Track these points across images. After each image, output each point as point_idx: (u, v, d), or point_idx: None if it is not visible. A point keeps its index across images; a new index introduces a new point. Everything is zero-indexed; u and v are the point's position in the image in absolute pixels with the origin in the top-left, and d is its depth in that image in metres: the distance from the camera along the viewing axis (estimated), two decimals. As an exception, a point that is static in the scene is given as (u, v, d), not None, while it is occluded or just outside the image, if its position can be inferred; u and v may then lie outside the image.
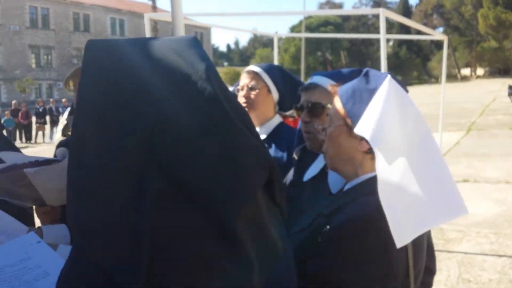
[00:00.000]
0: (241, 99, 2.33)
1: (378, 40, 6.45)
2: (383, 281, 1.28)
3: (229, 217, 0.75)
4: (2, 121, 19.61)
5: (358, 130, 1.30)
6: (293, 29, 60.33)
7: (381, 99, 1.31)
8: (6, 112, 20.86)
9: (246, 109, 2.32)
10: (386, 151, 1.24)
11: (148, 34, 6.30)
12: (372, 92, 1.35)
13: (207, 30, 67.95)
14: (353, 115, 1.37)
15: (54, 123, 20.80)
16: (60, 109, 21.24)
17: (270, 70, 2.40)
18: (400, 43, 65.66)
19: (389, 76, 1.37)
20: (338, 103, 1.44)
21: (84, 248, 0.73)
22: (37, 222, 1.98)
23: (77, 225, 0.74)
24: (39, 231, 1.73)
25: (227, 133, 0.78)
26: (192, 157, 0.74)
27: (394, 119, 1.28)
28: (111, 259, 0.70)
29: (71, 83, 2.11)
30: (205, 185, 0.73)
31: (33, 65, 46.96)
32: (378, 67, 3.17)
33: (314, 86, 1.84)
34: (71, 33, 50.41)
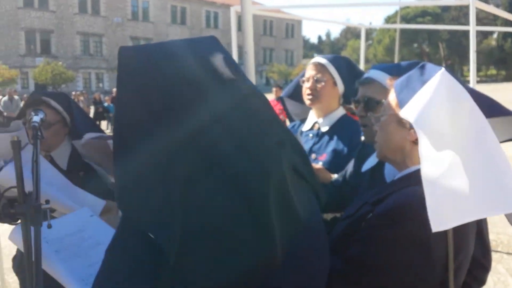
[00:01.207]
0: (306, 91, 2.36)
1: (481, 32, 6.07)
2: (419, 270, 1.29)
3: (256, 190, 0.84)
4: (105, 106, 21.29)
5: (404, 113, 1.31)
6: (388, 19, 58.13)
7: (431, 88, 1.30)
8: (107, 98, 22.49)
9: (311, 101, 2.36)
10: (430, 135, 1.23)
11: (234, 26, 6.50)
12: (423, 82, 1.35)
13: (298, 22, 67.78)
14: (403, 104, 1.37)
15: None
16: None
17: (337, 62, 2.40)
18: (505, 35, 60.67)
19: (443, 69, 1.36)
20: (392, 94, 1.45)
21: (130, 217, 0.87)
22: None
23: (122, 198, 0.88)
24: (114, 205, 1.95)
25: (253, 114, 0.88)
26: (223, 134, 0.84)
27: (442, 108, 1.27)
28: (151, 225, 0.82)
29: None
30: (234, 159, 0.83)
31: (134, 56, 49.97)
32: (478, 59, 3.03)
33: (370, 81, 1.84)
34: (168, 26, 52.84)
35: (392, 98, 1.45)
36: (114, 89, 24.72)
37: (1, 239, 3.66)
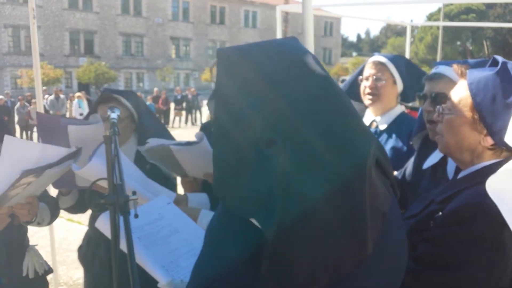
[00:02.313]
0: (366, 90, 2.38)
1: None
2: (491, 268, 1.29)
3: (352, 183, 0.88)
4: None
5: (509, 140, 1.26)
6: (431, 17, 56.74)
7: None
8: (148, 98, 23.00)
9: (371, 100, 2.37)
10: None
11: (279, 25, 6.54)
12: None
13: (337, 20, 67.11)
14: (484, 111, 1.33)
15: (190, 109, 22.56)
16: (190, 98, 22.84)
17: (396, 61, 2.41)
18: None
19: None
20: (464, 90, 1.40)
21: (229, 205, 0.94)
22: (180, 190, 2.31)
23: (222, 185, 0.95)
24: (184, 197, 2.03)
25: (337, 109, 0.93)
26: (320, 128, 0.89)
27: None
28: (252, 210, 0.89)
29: (214, 70, 2.38)
30: (331, 153, 0.88)
31: (173, 56, 50.74)
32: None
33: (438, 76, 1.84)
34: (208, 26, 53.41)
35: (463, 96, 1.40)
36: (156, 89, 25.30)
37: (54, 233, 3.85)
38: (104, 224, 1.41)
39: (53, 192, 2.41)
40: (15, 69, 37.48)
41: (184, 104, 22.84)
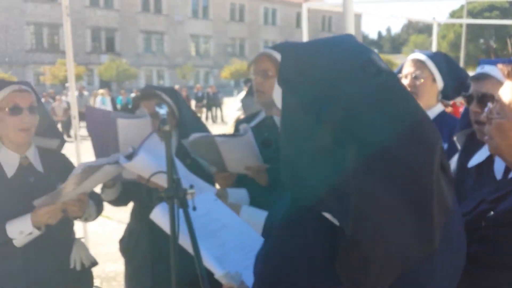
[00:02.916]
0: None
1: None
2: None
3: (422, 179, 0.90)
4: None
5: None
6: (453, 14, 56.01)
7: None
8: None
9: None
10: None
11: (305, 23, 6.54)
12: None
13: (357, 17, 66.67)
14: None
15: (210, 107, 22.68)
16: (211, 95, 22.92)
17: (436, 58, 2.38)
18: None
19: None
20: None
21: (300, 197, 0.96)
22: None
23: (294, 181, 0.97)
24: (224, 192, 2.06)
25: (405, 106, 0.95)
26: (388, 123, 0.90)
27: None
28: (324, 204, 0.91)
29: (251, 68, 2.39)
30: (399, 147, 0.89)
31: (193, 53, 51.06)
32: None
33: (485, 77, 1.82)
34: (227, 23, 53.56)
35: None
36: (177, 86, 25.48)
37: (88, 227, 3.93)
38: (160, 216, 1.44)
39: (97, 188, 2.47)
40: (38, 66, 38.16)
41: (204, 101, 22.96)
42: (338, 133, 0.90)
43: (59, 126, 15.34)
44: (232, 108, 9.22)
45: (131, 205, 2.57)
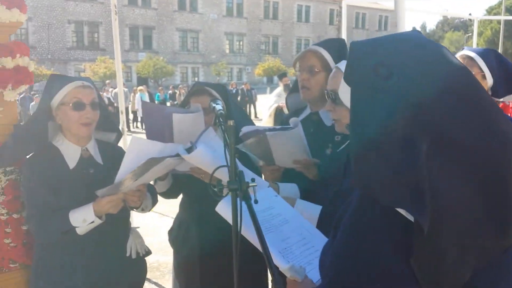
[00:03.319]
0: None
1: None
2: None
3: (499, 176, 0.91)
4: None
5: None
6: (490, 11, 54.18)
7: None
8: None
9: None
10: None
11: (344, 20, 6.52)
12: None
13: (392, 13, 65.11)
14: None
15: (244, 103, 22.80)
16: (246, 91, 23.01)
17: (486, 55, 2.36)
18: None
19: None
20: None
21: (372, 192, 0.97)
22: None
23: (367, 177, 0.97)
24: (276, 187, 2.11)
25: (481, 101, 0.95)
26: (455, 125, 0.91)
27: None
28: (399, 200, 0.92)
29: (297, 64, 2.43)
30: (471, 146, 0.90)
31: (227, 51, 51.33)
32: None
33: None
34: (261, 21, 53.58)
35: None
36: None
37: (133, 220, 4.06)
38: (225, 209, 1.50)
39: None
40: (78, 63, 39.24)
41: (238, 98, 23.10)
42: (413, 128, 0.90)
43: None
44: (265, 105, 9.24)
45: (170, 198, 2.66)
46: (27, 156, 2.16)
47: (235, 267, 1.44)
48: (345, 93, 1.11)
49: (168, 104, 20.19)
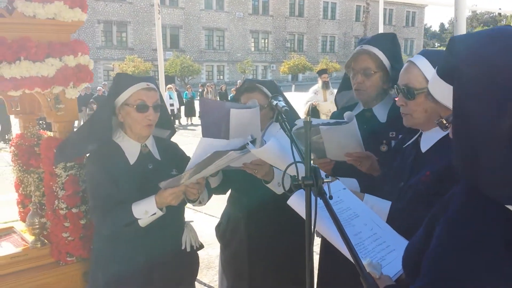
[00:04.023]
0: None
1: None
2: None
3: None
4: (229, 98, 22.40)
5: None
6: (524, 5, 52.81)
7: None
8: (232, 90, 23.50)
9: None
10: None
11: (381, 14, 6.46)
12: None
13: (420, 9, 64.40)
14: None
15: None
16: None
17: None
18: None
19: None
20: None
21: (484, 188, 0.96)
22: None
23: (477, 172, 0.96)
24: (335, 180, 2.11)
25: None
26: None
27: None
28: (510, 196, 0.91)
29: (350, 65, 2.45)
30: None
31: (252, 49, 51.37)
32: None
33: None
34: (287, 18, 53.42)
35: None
36: (239, 81, 25.85)
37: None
38: (298, 203, 1.51)
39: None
40: (107, 62, 39.88)
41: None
42: None
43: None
44: (300, 101, 9.20)
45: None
46: (90, 152, 2.22)
47: (308, 263, 1.44)
48: (439, 88, 1.09)
49: (196, 101, 20.33)
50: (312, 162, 2.35)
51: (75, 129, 2.43)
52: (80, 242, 2.42)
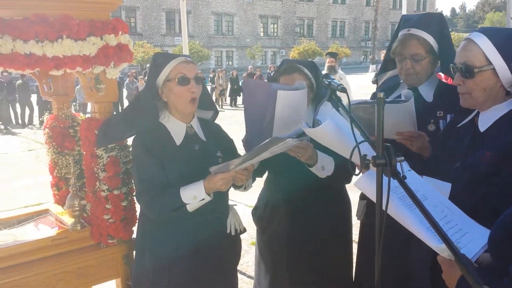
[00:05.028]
0: None
1: None
2: None
3: None
4: (240, 84, 22.29)
5: None
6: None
7: None
8: (243, 75, 23.36)
9: None
10: None
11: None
12: None
13: (431, -6, 63.67)
14: None
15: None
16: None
17: None
18: None
19: None
20: None
21: None
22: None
23: None
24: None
25: None
26: None
27: None
28: None
29: (397, 49, 2.40)
30: None
31: (261, 34, 51.00)
32: None
33: None
34: (296, 3, 52.90)
35: None
36: (250, 66, 25.73)
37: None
38: (367, 184, 1.45)
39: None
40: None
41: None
42: None
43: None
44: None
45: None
46: (136, 134, 2.18)
47: (377, 248, 1.38)
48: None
49: (208, 87, 20.24)
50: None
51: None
52: (121, 224, 2.40)
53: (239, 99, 22.49)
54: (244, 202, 5.47)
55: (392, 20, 59.98)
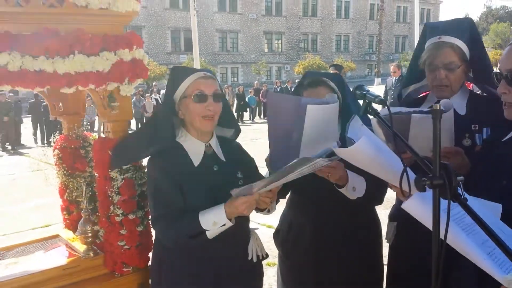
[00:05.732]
0: None
1: None
2: None
3: None
4: (246, 99, 22.26)
5: None
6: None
7: None
8: (250, 91, 23.35)
9: None
10: None
11: (417, 10, 6.23)
12: None
13: (435, 6, 63.76)
14: None
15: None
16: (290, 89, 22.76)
17: None
18: None
19: None
20: None
21: None
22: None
23: None
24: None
25: None
26: None
27: None
28: None
29: (427, 59, 2.25)
30: None
31: (266, 50, 51.17)
32: None
33: None
34: (300, 19, 53.15)
35: None
36: (256, 82, 25.73)
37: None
38: (418, 207, 1.29)
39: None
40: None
41: (284, 97, 22.88)
42: None
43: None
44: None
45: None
46: (151, 154, 2.03)
47: (434, 272, 1.21)
48: None
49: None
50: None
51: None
52: (136, 251, 2.24)
53: (246, 115, 22.41)
54: (259, 221, 5.29)
55: (396, 33, 60.07)
